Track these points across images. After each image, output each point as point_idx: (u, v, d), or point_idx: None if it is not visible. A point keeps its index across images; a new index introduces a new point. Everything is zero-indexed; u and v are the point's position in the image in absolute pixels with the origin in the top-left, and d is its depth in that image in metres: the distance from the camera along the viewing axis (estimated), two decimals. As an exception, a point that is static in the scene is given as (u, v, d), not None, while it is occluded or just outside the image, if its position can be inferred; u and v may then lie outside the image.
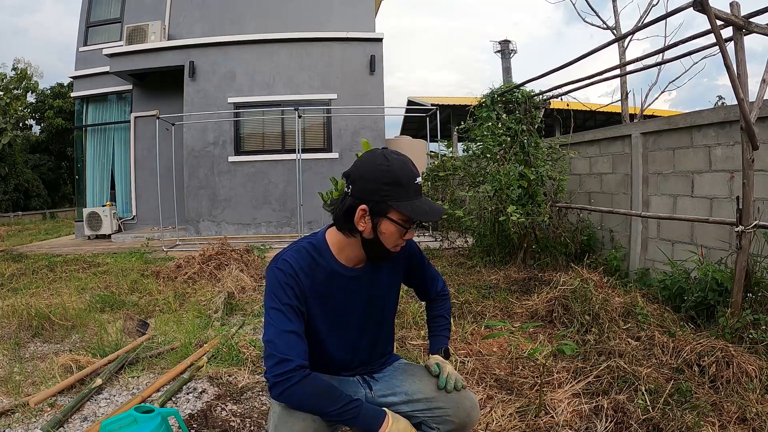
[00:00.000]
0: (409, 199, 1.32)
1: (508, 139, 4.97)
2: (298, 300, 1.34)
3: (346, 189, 1.37)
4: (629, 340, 2.80)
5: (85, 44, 10.70)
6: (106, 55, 9.63)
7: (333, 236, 1.43)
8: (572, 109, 5.75)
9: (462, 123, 5.71)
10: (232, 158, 9.56)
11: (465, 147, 5.91)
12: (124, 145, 10.90)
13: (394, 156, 1.34)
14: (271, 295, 1.33)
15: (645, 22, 7.49)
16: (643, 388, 2.18)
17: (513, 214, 4.42)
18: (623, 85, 9.22)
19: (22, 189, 22.22)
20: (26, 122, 25.30)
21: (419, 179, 1.36)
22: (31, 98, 24.24)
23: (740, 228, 2.88)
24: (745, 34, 2.85)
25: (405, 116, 16.12)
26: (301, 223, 8.48)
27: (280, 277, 1.34)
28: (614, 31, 9.34)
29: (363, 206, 1.32)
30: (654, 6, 8.90)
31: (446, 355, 1.62)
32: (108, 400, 2.39)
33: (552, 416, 2.08)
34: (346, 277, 1.42)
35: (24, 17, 65.69)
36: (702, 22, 3.33)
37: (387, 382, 1.51)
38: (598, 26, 9.65)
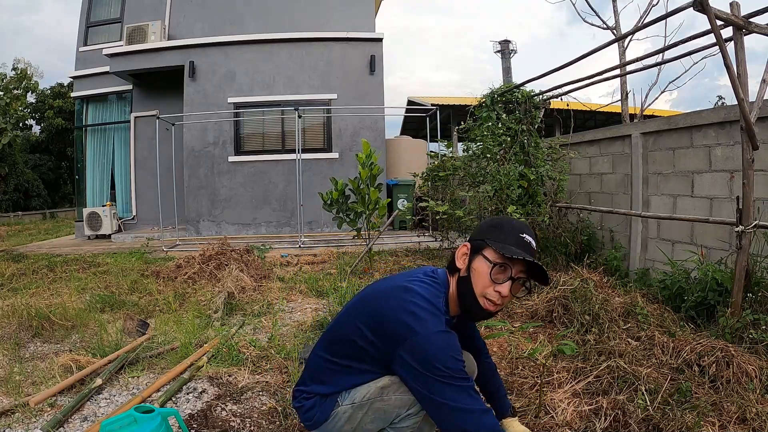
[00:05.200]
0: (506, 243, 1.38)
1: (508, 139, 4.97)
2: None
3: None
4: (629, 340, 2.80)
5: (85, 44, 10.70)
6: (106, 55, 9.64)
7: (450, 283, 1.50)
8: (572, 109, 5.73)
9: (462, 123, 5.71)
10: (232, 158, 9.56)
11: (465, 147, 5.91)
12: (124, 145, 10.90)
13: (515, 218, 1.50)
14: (447, 370, 1.29)
15: (645, 22, 7.49)
16: (643, 388, 2.18)
17: (513, 214, 4.42)
18: (623, 85, 9.21)
19: (22, 189, 22.22)
20: (26, 122, 25.28)
21: (529, 240, 1.39)
22: (31, 98, 24.23)
23: (740, 228, 2.88)
24: (745, 34, 2.85)
25: (405, 116, 16.11)
26: (301, 223, 8.47)
27: (453, 344, 1.34)
28: (614, 31, 9.33)
29: (467, 243, 1.47)
30: (654, 6, 8.90)
31: (513, 413, 1.79)
32: (108, 400, 2.39)
33: (552, 416, 2.08)
34: (451, 325, 1.51)
35: (24, 17, 65.70)
36: (702, 22, 3.32)
37: None
38: (599, 26, 9.66)
